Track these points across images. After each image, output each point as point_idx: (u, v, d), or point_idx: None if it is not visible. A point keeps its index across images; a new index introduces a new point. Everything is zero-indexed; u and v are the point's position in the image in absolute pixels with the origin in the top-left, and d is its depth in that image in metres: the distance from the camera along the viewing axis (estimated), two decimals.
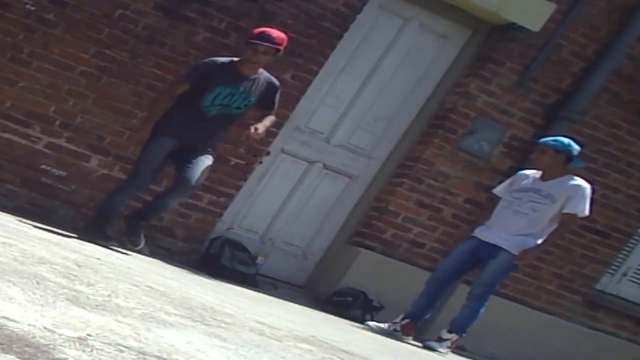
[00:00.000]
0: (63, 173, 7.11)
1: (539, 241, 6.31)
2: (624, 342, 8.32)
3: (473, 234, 6.54)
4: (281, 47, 6.13)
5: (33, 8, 6.86)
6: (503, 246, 6.30)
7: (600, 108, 7.87)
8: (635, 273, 8.43)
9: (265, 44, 6.06)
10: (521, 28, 7.46)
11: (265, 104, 6.27)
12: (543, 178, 6.35)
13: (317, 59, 7.31)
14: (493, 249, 6.34)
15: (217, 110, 6.15)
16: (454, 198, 7.77)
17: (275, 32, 6.14)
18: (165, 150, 6.22)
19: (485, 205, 7.47)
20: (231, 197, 7.45)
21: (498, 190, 6.67)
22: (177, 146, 6.20)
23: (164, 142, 6.22)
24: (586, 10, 7.63)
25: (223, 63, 6.23)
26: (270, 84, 6.25)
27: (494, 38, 7.64)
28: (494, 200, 6.77)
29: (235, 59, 6.27)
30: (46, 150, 7.06)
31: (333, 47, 7.40)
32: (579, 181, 6.30)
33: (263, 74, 6.24)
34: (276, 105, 6.34)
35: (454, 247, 6.96)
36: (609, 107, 7.90)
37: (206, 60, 6.36)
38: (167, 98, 6.33)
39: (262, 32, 6.13)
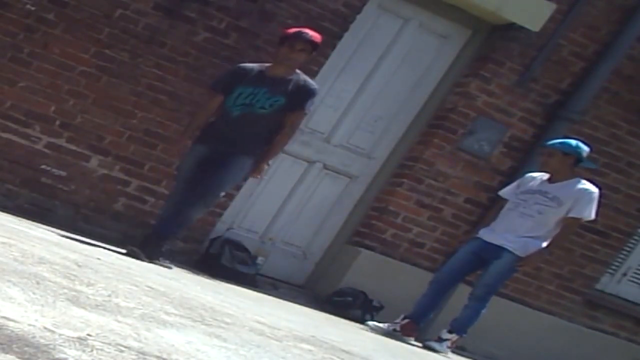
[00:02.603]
0: (63, 173, 7.11)
1: (544, 244, 6.28)
2: (624, 342, 8.32)
3: (477, 235, 6.53)
4: (317, 45, 6.12)
5: (33, 8, 6.86)
6: (507, 247, 6.28)
7: (600, 108, 7.87)
8: (635, 273, 8.44)
9: (303, 41, 6.02)
10: (521, 28, 7.46)
11: (292, 105, 6.05)
12: (551, 180, 6.31)
13: (317, 59, 7.30)
14: (497, 250, 6.32)
15: (239, 110, 6.06)
16: (454, 198, 7.77)
17: (310, 31, 6.13)
18: (196, 158, 6.16)
19: (488, 207, 7.47)
20: (231, 197, 7.44)
21: (504, 192, 6.63)
22: (209, 152, 6.12)
23: (195, 149, 6.20)
24: (586, 10, 7.63)
25: (246, 67, 6.21)
26: (302, 86, 6.07)
27: (494, 38, 7.64)
28: (497, 201, 6.76)
29: (266, 64, 6.22)
30: (46, 150, 7.06)
31: (333, 47, 7.40)
32: (586, 185, 6.26)
33: (300, 75, 6.11)
34: (305, 110, 6.10)
35: (454, 247, 6.95)
36: (609, 107, 7.90)
37: (231, 67, 6.41)
38: (204, 112, 6.28)
39: (299, 31, 6.12)
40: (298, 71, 6.11)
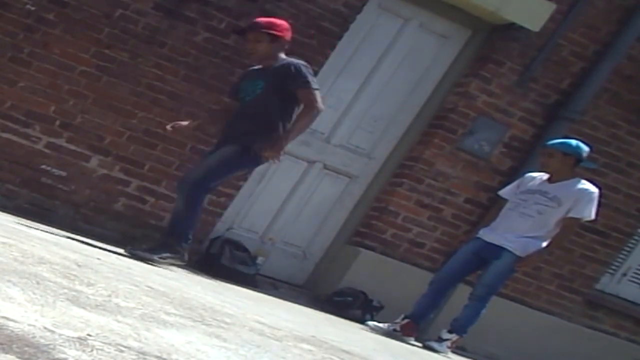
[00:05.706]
0: (63, 173, 7.11)
1: (544, 244, 6.28)
2: (624, 342, 8.32)
3: (477, 235, 6.53)
4: (270, 30, 5.86)
5: (33, 8, 6.86)
6: (507, 247, 6.29)
7: (600, 108, 7.87)
8: (635, 273, 8.44)
9: (247, 30, 5.97)
10: (521, 28, 7.46)
11: (282, 88, 5.83)
12: (550, 180, 6.32)
13: (317, 59, 7.31)
14: (497, 250, 6.32)
15: (238, 107, 6.08)
16: (454, 198, 7.77)
17: (263, 18, 6.05)
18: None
19: (488, 207, 7.47)
20: (231, 197, 7.45)
21: (504, 192, 6.64)
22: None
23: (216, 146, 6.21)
24: (586, 10, 7.63)
25: (251, 67, 6.23)
26: (280, 66, 5.85)
27: (494, 38, 7.64)
28: (498, 201, 6.76)
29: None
30: (46, 150, 7.06)
31: (333, 47, 7.40)
32: (586, 185, 6.26)
33: (284, 60, 5.88)
34: (300, 86, 5.78)
35: (454, 247, 6.95)
36: (609, 107, 7.90)
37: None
38: (220, 113, 6.37)
39: (249, 21, 6.11)
40: (283, 57, 5.92)
